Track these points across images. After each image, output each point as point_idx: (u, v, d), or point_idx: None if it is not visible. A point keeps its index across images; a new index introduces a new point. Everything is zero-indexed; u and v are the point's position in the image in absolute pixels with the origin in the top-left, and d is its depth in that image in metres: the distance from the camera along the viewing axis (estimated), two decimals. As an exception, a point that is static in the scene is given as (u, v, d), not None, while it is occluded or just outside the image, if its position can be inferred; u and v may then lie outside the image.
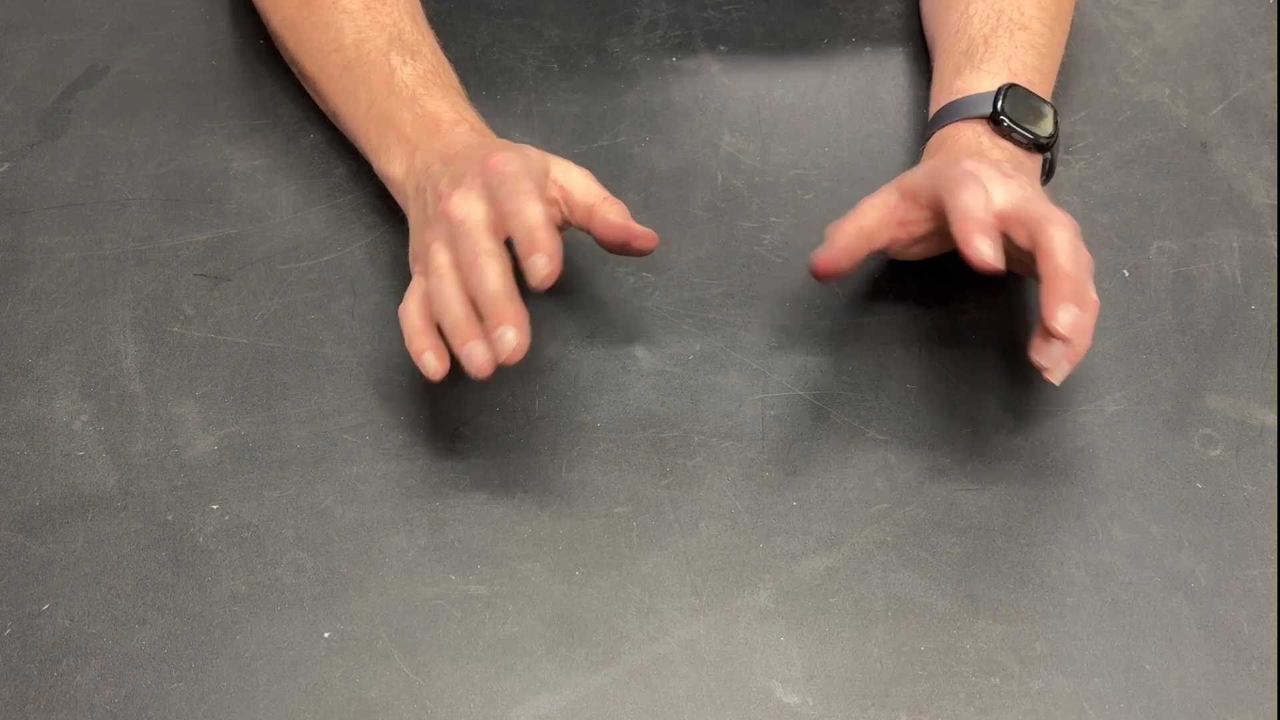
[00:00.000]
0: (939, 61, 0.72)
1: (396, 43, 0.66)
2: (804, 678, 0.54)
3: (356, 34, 0.67)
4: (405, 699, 0.53)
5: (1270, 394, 0.63)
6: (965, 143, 0.65)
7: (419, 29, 0.69)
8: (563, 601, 0.56)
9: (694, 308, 0.66)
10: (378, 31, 0.67)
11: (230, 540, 0.57)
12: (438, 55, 0.68)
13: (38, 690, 0.53)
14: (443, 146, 0.61)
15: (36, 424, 0.61)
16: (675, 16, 0.80)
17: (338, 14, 0.68)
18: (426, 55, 0.67)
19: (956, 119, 0.66)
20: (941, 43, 0.72)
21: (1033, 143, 0.65)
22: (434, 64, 0.67)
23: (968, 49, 0.69)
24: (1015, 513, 0.59)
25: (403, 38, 0.67)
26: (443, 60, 0.68)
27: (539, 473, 0.60)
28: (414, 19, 0.69)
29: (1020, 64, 0.67)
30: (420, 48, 0.67)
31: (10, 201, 0.70)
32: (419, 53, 0.67)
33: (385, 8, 0.68)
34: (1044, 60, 0.69)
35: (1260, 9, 0.82)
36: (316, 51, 0.69)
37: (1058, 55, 0.71)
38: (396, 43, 0.66)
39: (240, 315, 0.65)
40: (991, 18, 0.70)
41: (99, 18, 0.79)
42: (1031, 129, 0.64)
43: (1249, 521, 0.59)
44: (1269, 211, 0.71)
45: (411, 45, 0.67)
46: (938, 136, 0.67)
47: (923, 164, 0.64)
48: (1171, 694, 0.54)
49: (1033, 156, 0.65)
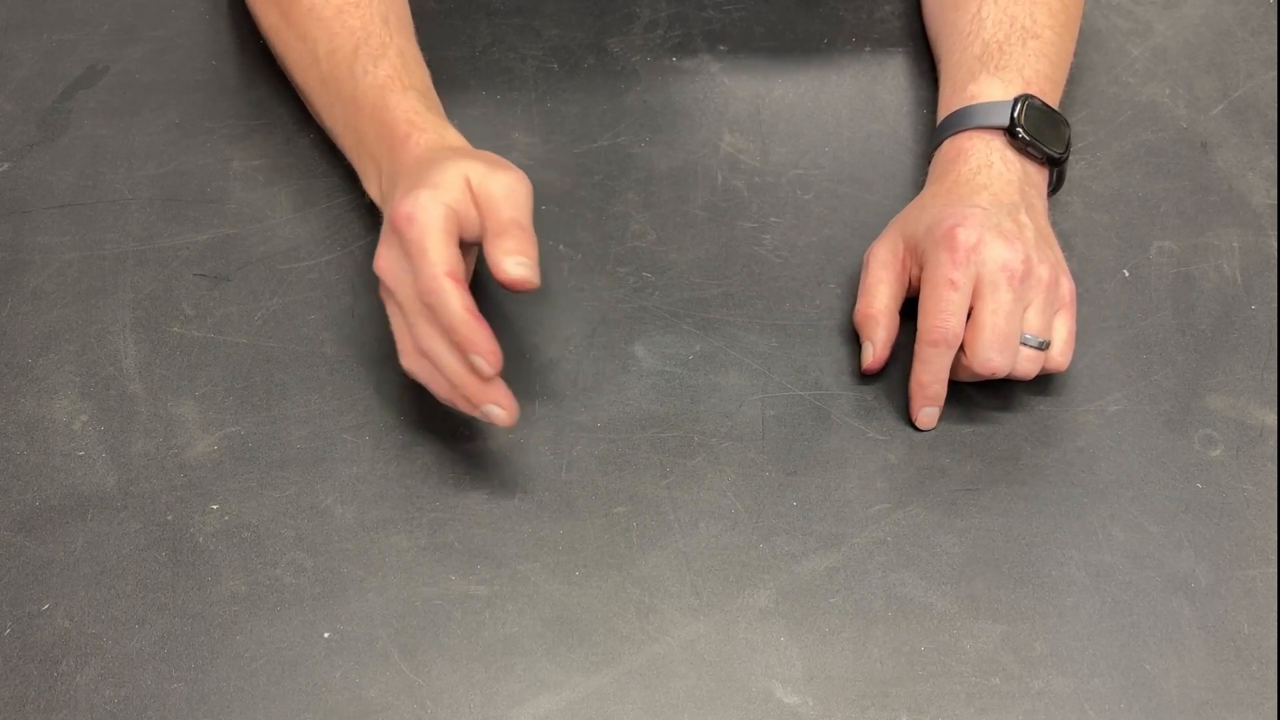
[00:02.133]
0: (949, 63, 0.71)
1: (362, 49, 0.64)
2: (804, 678, 0.54)
3: (329, 44, 0.65)
4: (405, 699, 0.53)
5: (1270, 394, 0.63)
6: (975, 164, 0.64)
7: (390, 29, 0.66)
8: (563, 601, 0.56)
9: (694, 308, 0.66)
10: (346, 38, 0.65)
11: (230, 540, 0.57)
12: (404, 56, 0.65)
13: (38, 690, 0.53)
14: (394, 175, 0.59)
15: (36, 424, 0.61)
16: (675, 16, 0.80)
17: (313, 23, 0.66)
18: (391, 58, 0.64)
19: (970, 126, 0.65)
20: (951, 44, 0.71)
21: (1046, 158, 0.65)
22: (397, 66, 0.64)
23: (981, 53, 0.68)
24: (1015, 513, 0.59)
25: (369, 42, 0.65)
26: (410, 59, 0.65)
27: (539, 473, 0.60)
28: (386, 20, 0.66)
29: (1033, 72, 0.67)
30: (386, 50, 0.64)
31: (10, 201, 0.70)
32: (383, 56, 0.64)
33: (358, 11, 0.66)
34: (1055, 70, 0.69)
35: (1260, 9, 0.82)
36: (297, 64, 0.68)
37: (1067, 65, 0.71)
38: (362, 49, 0.64)
39: (240, 315, 0.65)
40: (1005, 23, 0.69)
41: (99, 18, 0.79)
42: (1046, 145, 0.64)
43: (1249, 521, 0.59)
44: (1269, 211, 0.71)
45: (376, 50, 0.64)
46: (950, 146, 0.66)
47: (922, 207, 0.63)
48: (1171, 694, 0.54)
49: (1042, 169, 0.65)
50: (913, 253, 0.62)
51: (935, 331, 0.59)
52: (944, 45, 0.73)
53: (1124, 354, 0.65)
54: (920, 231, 0.62)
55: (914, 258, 0.62)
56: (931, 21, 0.77)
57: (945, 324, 0.59)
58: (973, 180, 0.63)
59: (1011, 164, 0.64)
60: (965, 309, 0.59)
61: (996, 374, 0.59)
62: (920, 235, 0.61)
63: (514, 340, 0.64)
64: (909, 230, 0.63)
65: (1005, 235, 0.59)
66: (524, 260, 0.54)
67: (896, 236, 0.63)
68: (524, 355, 0.64)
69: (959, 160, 0.65)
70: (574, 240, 0.68)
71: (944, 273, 0.59)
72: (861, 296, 0.64)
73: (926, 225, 0.61)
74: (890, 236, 0.64)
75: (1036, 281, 0.59)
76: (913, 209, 0.64)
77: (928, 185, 0.66)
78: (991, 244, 0.59)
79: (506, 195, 0.55)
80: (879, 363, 0.62)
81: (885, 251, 0.63)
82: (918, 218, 0.63)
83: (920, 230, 0.62)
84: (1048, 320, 0.60)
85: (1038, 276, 0.59)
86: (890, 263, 0.63)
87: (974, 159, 0.64)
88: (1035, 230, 0.61)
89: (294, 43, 0.68)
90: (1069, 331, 0.61)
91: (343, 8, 0.66)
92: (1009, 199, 0.62)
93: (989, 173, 0.63)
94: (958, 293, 0.58)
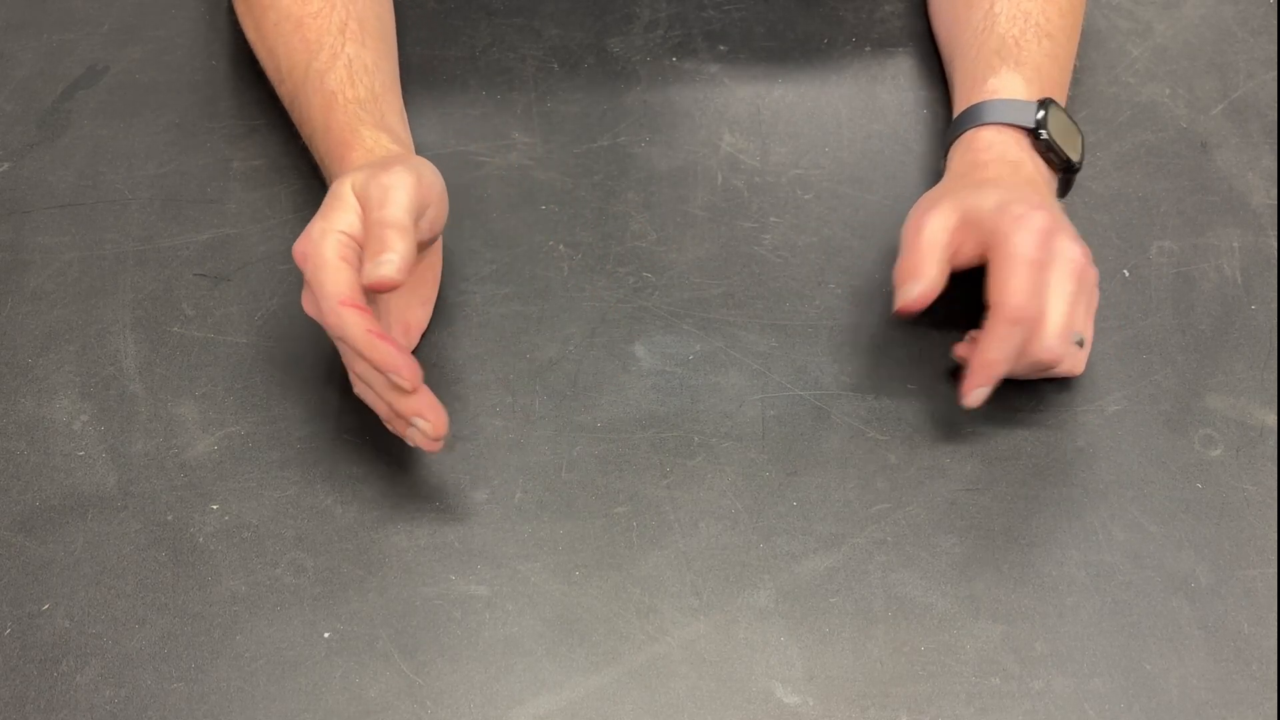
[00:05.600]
0: (964, 55, 0.70)
1: (313, 63, 0.64)
2: (804, 678, 0.54)
3: (288, 59, 0.66)
4: (405, 699, 0.53)
5: (1270, 394, 0.63)
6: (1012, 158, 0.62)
7: (344, 36, 0.65)
8: (563, 601, 0.56)
9: (694, 308, 0.66)
10: (303, 53, 0.65)
11: (230, 540, 0.57)
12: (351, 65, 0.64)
13: (38, 690, 0.53)
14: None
15: (36, 424, 0.61)
16: (675, 16, 0.80)
17: (277, 38, 0.66)
18: (338, 69, 0.64)
19: (992, 121, 0.64)
20: (965, 39, 0.70)
21: (1065, 165, 0.64)
22: (343, 78, 0.64)
23: (999, 48, 0.67)
24: (1015, 513, 0.59)
25: (320, 55, 0.64)
26: (359, 66, 0.65)
27: (539, 473, 0.60)
28: (344, 27, 0.66)
29: (1049, 74, 0.66)
30: (335, 61, 0.64)
31: (10, 201, 0.70)
32: (330, 69, 0.64)
33: (315, 23, 0.66)
34: (1064, 73, 0.69)
35: (1260, 9, 0.82)
36: (272, 78, 0.69)
37: (1071, 68, 0.71)
38: (313, 63, 0.64)
39: (240, 315, 0.65)
40: (1019, 19, 0.68)
41: (99, 18, 0.79)
42: (1068, 152, 0.64)
43: (1249, 521, 0.59)
44: (1269, 211, 0.71)
45: (326, 63, 0.64)
46: (975, 137, 0.65)
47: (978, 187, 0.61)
48: (1171, 694, 0.54)
49: (1053, 175, 0.65)
50: (971, 227, 0.59)
51: (1018, 310, 0.56)
52: (956, 39, 0.72)
53: (1124, 354, 0.65)
54: (986, 208, 0.58)
55: (971, 233, 0.59)
56: (941, 17, 0.76)
57: (1029, 302, 0.56)
58: (1015, 175, 0.62)
59: (1039, 165, 0.64)
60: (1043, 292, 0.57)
61: (1054, 365, 0.58)
62: (986, 212, 0.58)
63: (514, 340, 0.64)
64: (969, 204, 0.59)
65: (1068, 231, 0.59)
66: (382, 259, 0.52)
67: (952, 208, 0.60)
68: (524, 355, 0.64)
69: (989, 152, 0.63)
70: (574, 240, 0.68)
71: (1027, 252, 0.56)
72: (910, 253, 0.59)
73: (995, 204, 0.58)
74: (944, 206, 0.60)
75: (1089, 281, 0.59)
76: (965, 188, 0.61)
77: (963, 171, 0.64)
78: (1063, 236, 0.58)
79: (380, 197, 0.54)
80: (923, 300, 0.58)
81: (940, 218, 0.59)
82: (978, 195, 0.60)
83: (986, 207, 0.58)
84: (1089, 320, 0.60)
85: (1090, 277, 0.59)
86: (945, 229, 0.59)
87: (1006, 153, 0.63)
88: None
89: (265, 58, 0.69)
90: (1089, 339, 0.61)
91: (302, 20, 0.66)
92: (1048, 199, 0.62)
93: (1025, 170, 0.63)
94: (1040, 275, 0.56)
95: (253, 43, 0.71)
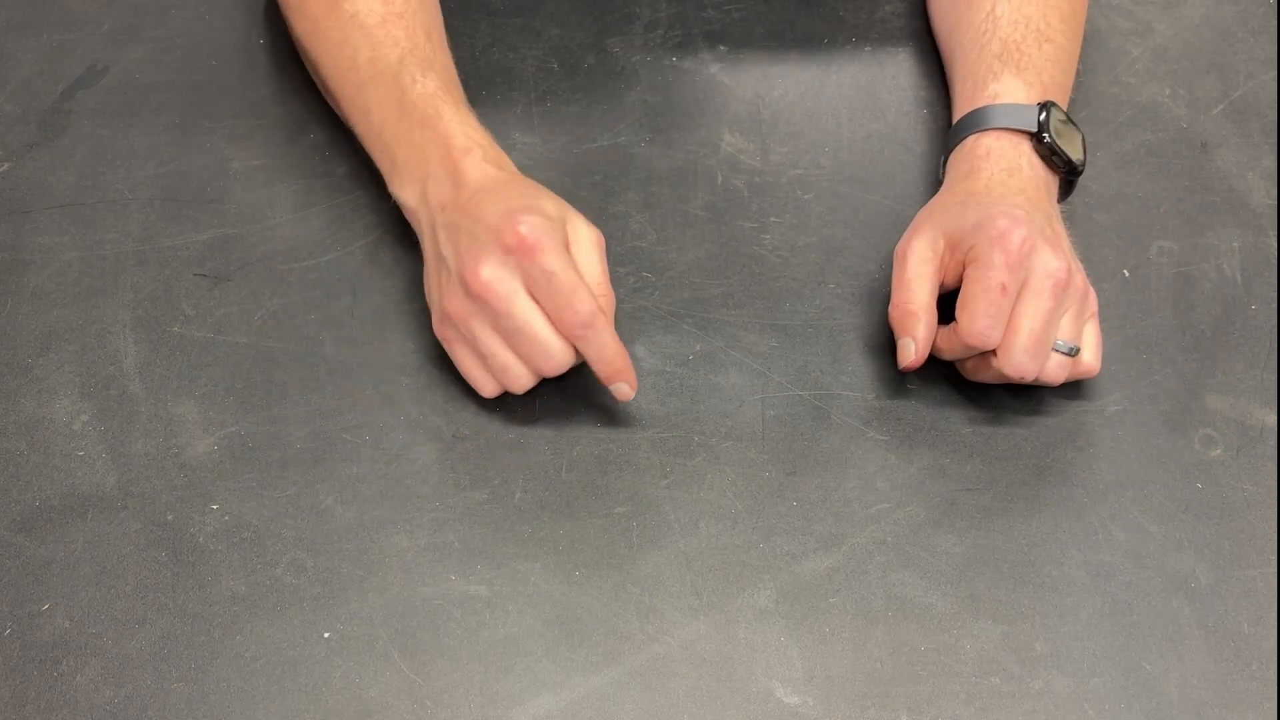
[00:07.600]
0: (964, 60, 0.70)
1: (409, 59, 0.65)
2: (804, 678, 0.54)
3: (371, 50, 0.66)
4: (405, 699, 0.53)
5: (1270, 394, 0.63)
6: (1006, 165, 0.63)
7: (433, 43, 0.67)
8: (563, 601, 0.56)
9: (694, 308, 0.66)
10: (391, 47, 0.66)
11: (230, 540, 0.57)
12: (450, 72, 0.67)
13: (38, 690, 0.53)
14: (455, 185, 0.60)
15: (36, 424, 0.61)
16: (675, 16, 0.80)
17: (354, 30, 0.67)
18: (438, 71, 0.65)
19: (994, 127, 0.65)
20: (966, 42, 0.71)
21: (1068, 167, 0.64)
22: (444, 81, 0.65)
23: (1001, 52, 0.68)
24: (1015, 513, 0.59)
25: (416, 53, 0.65)
26: (454, 75, 0.67)
27: (539, 473, 0.60)
28: (429, 33, 0.67)
29: (1049, 77, 0.66)
30: (433, 63, 0.65)
31: (10, 201, 0.70)
32: (431, 69, 0.65)
33: (401, 22, 0.67)
34: (1065, 77, 0.69)
35: (1260, 9, 0.82)
36: (334, 68, 0.68)
37: (1074, 72, 0.71)
38: (409, 59, 0.65)
39: (240, 315, 0.65)
40: (1020, 23, 0.68)
41: (99, 18, 0.79)
42: (1070, 154, 0.64)
43: (1249, 521, 0.59)
44: (1269, 211, 0.71)
45: (424, 61, 0.65)
46: (975, 144, 0.65)
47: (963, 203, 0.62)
48: (1171, 694, 0.54)
49: (1055, 178, 0.65)
50: (954, 249, 0.61)
51: (978, 336, 0.58)
52: (957, 42, 0.72)
53: (1124, 354, 0.65)
54: (967, 227, 0.60)
55: (955, 253, 0.61)
56: (941, 18, 0.76)
57: (989, 329, 0.58)
58: (1007, 182, 0.63)
59: (1038, 169, 0.64)
60: (1009, 314, 0.58)
61: (1025, 378, 0.59)
62: (967, 231, 0.60)
63: (514, 340, 0.64)
64: (951, 226, 0.61)
65: (1050, 242, 0.59)
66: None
67: (935, 231, 0.61)
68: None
69: (988, 160, 0.64)
70: (574, 240, 0.68)
71: (997, 276, 0.58)
72: (899, 291, 0.61)
73: (974, 222, 0.60)
74: (927, 231, 0.62)
75: (1074, 290, 0.59)
76: (950, 205, 0.63)
77: (956, 181, 0.65)
78: (1041, 250, 0.58)
79: (592, 258, 0.59)
80: (920, 360, 0.60)
81: (924, 246, 0.61)
82: (960, 214, 0.61)
83: (967, 226, 0.60)
84: (1079, 328, 0.60)
85: (1075, 286, 0.59)
86: (930, 258, 0.61)
87: (1004, 160, 0.64)
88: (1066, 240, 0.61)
89: (330, 46, 0.68)
90: (1098, 337, 0.61)
91: (386, 17, 0.67)
92: (1042, 206, 0.62)
93: (1020, 177, 0.63)
94: (1007, 299, 0.58)
95: (308, 33, 0.70)
